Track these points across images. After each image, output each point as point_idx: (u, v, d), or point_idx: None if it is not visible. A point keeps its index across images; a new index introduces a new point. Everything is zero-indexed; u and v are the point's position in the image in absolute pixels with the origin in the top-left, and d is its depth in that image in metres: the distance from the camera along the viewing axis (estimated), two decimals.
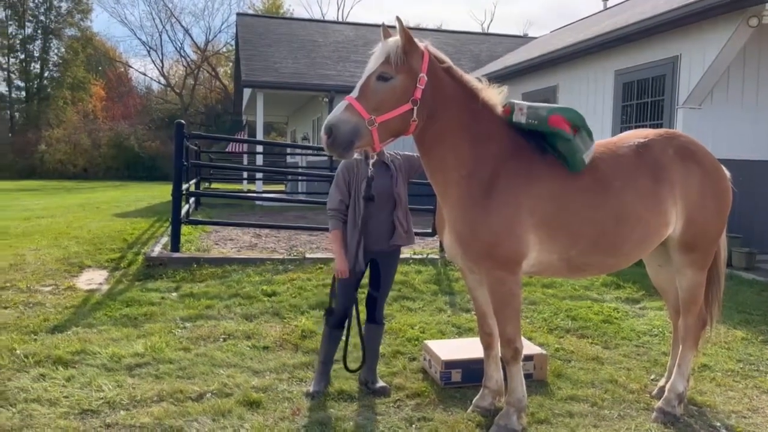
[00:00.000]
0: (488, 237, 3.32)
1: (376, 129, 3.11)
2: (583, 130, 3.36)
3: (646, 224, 3.53)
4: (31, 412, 3.71)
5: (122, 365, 4.48)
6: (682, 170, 3.64)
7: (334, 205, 4.06)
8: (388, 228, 4.09)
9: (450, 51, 21.74)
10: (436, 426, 3.65)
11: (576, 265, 3.55)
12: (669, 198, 3.59)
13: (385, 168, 4.12)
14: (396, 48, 3.16)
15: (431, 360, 4.44)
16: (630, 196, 3.50)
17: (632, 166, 3.58)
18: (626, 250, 3.57)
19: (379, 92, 3.14)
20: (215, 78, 52.06)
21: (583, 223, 3.43)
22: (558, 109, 3.40)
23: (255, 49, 19.59)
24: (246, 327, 5.44)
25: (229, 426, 3.60)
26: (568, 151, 3.38)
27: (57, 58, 49.47)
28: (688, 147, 3.75)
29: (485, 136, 3.39)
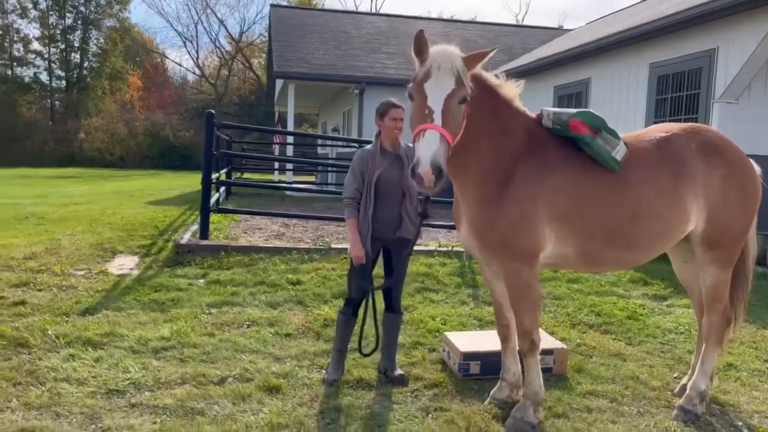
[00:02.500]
0: (505, 230, 3.34)
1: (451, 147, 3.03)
2: (604, 130, 3.38)
3: (664, 220, 3.49)
4: (60, 390, 3.84)
5: (149, 348, 4.61)
6: (704, 166, 3.58)
7: (350, 194, 4.14)
8: (396, 219, 4.15)
9: (482, 43, 21.60)
10: (452, 416, 3.67)
11: (592, 258, 3.54)
12: (689, 194, 3.53)
13: (398, 160, 4.17)
14: (462, 66, 3.07)
15: (450, 351, 4.46)
16: (648, 191, 3.47)
17: (652, 161, 3.55)
18: (643, 245, 3.54)
19: (457, 116, 3.05)
20: (249, 69, 52.54)
21: (599, 217, 3.42)
22: (578, 113, 3.44)
23: (287, 40, 19.72)
24: (270, 314, 5.53)
25: (249, 410, 3.68)
26: (593, 153, 3.43)
27: (96, 49, 50.48)
28: (711, 142, 3.68)
29: (504, 132, 3.40)
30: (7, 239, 8.43)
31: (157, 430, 3.41)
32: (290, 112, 18.56)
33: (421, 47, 3.11)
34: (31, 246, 7.87)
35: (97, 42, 50.43)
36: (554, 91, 13.85)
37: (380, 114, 4.17)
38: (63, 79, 49.41)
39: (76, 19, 49.33)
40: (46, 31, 47.89)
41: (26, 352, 4.46)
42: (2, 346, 4.51)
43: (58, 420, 3.49)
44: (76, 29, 49.30)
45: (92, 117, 42.91)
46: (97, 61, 50.03)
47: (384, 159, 4.14)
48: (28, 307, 5.41)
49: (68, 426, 3.42)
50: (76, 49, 49.54)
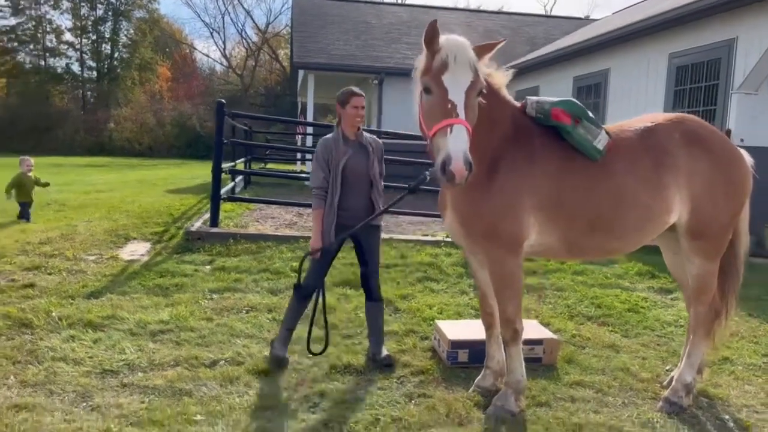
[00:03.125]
0: (490, 218, 3.36)
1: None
2: (585, 120, 3.39)
3: (646, 209, 3.48)
4: (56, 369, 3.98)
5: (147, 331, 4.73)
6: (687, 156, 3.54)
7: (319, 183, 4.17)
8: (365, 206, 4.21)
9: (505, 33, 21.37)
10: (434, 403, 3.70)
11: (575, 246, 3.55)
12: (672, 184, 3.50)
13: (362, 148, 4.23)
14: (476, 58, 3.09)
15: (440, 339, 4.49)
16: (630, 180, 3.46)
17: (635, 151, 3.54)
18: (625, 234, 3.53)
19: (476, 109, 3.10)
20: (275, 60, 52.85)
21: (581, 206, 3.43)
22: (559, 102, 3.44)
23: (308, 30, 19.79)
24: (269, 300, 5.62)
25: (235, 392, 3.77)
26: (574, 142, 3.43)
27: (126, 39, 51.30)
28: (696, 132, 3.63)
29: (491, 121, 3.38)
30: (27, 224, 8.68)
31: (143, 408, 3.51)
32: (310, 102, 18.66)
33: (433, 37, 3.10)
34: (47, 231, 8.10)
35: (127, 33, 51.26)
36: (573, 81, 13.68)
37: (342, 102, 4.22)
38: (94, 70, 50.35)
39: (107, 10, 50.16)
40: (77, 22, 48.84)
41: (29, 332, 4.62)
42: (7, 326, 4.68)
43: (51, 397, 3.62)
44: (107, 20, 50.14)
45: (122, 107, 43.69)
46: (127, 51, 50.85)
47: (348, 147, 4.18)
48: (37, 289, 5.59)
49: (60, 403, 3.55)
50: (107, 40, 50.41)
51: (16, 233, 8.01)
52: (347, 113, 4.21)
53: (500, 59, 12.75)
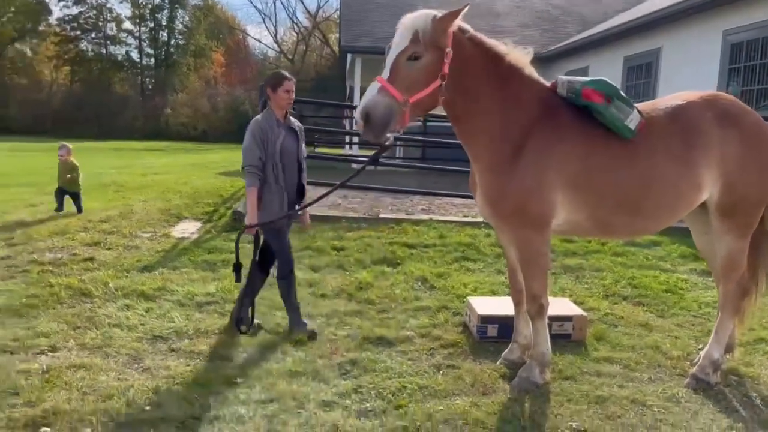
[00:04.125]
0: (516, 197, 3.41)
1: (408, 109, 3.17)
2: (616, 99, 3.37)
3: (674, 187, 3.49)
4: (112, 335, 4.32)
5: (194, 302, 5.04)
6: (719, 134, 3.51)
7: (253, 162, 4.25)
8: (296, 186, 4.45)
9: (556, 13, 20.86)
10: (461, 374, 3.84)
11: (604, 224, 3.59)
12: (702, 162, 3.49)
13: (292, 131, 4.40)
14: (425, 25, 3.14)
15: (471, 315, 4.61)
16: (660, 159, 3.47)
17: (666, 130, 3.52)
18: (654, 212, 3.55)
19: (410, 72, 3.14)
20: (325, 44, 53.24)
21: (609, 183, 3.46)
22: (590, 81, 3.44)
23: (356, 14, 19.90)
24: (310, 276, 5.86)
25: (272, 359, 4.01)
26: (606, 121, 3.44)
27: (182, 27, 52.69)
28: (728, 111, 3.60)
29: (515, 100, 3.44)
30: (89, 204, 9.20)
31: (189, 371, 3.79)
32: (357, 86, 18.80)
33: None
34: (107, 210, 8.59)
35: (182, 20, 52.62)
36: (624, 61, 13.36)
37: (273, 86, 4.34)
38: (152, 57, 51.96)
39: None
40: (136, 11, 50.43)
41: (88, 301, 4.99)
42: (69, 295, 5.06)
43: (107, 359, 3.94)
44: (164, 8, 51.55)
45: (178, 93, 45.06)
46: (183, 38, 52.22)
47: (281, 129, 4.34)
48: (96, 263, 6.00)
49: (114, 364, 3.87)
50: (164, 27, 51.89)
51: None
52: (279, 96, 4.33)
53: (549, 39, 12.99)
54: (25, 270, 5.71)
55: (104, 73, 49.45)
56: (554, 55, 16.48)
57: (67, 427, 3.08)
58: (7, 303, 4.80)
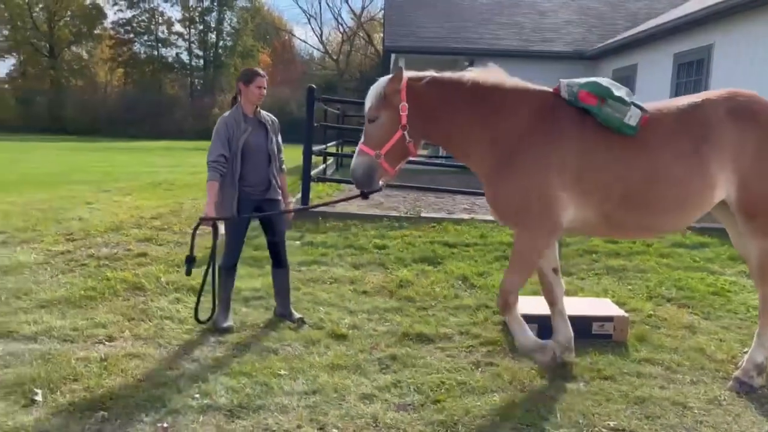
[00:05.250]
0: (517, 202, 3.55)
1: (383, 160, 3.60)
2: (610, 98, 3.43)
3: (683, 185, 3.46)
4: (164, 326, 4.54)
5: (240, 297, 5.22)
6: (734, 132, 3.45)
7: (214, 158, 4.39)
8: (265, 181, 4.60)
9: (603, 10, 20.50)
10: (499, 371, 3.89)
11: (614, 222, 3.60)
12: (714, 160, 3.45)
13: (261, 125, 4.52)
14: (376, 92, 3.62)
15: None
16: (666, 155, 3.46)
17: (675, 126, 3.51)
18: (663, 209, 3.53)
19: (372, 132, 3.64)
20: (369, 44, 53.54)
21: (614, 180, 3.48)
22: (585, 84, 3.53)
23: (400, 14, 20.00)
24: (352, 274, 5.99)
25: (315, 352, 4.14)
26: (603, 121, 3.48)
27: (230, 28, 53.92)
28: (744, 107, 3.52)
29: (497, 113, 3.60)
30: (141, 201, 9.60)
31: (235, 362, 3.95)
32: None
33: None
34: (158, 208, 8.93)
35: (230, 22, 53.83)
36: (674, 59, 13.05)
37: (245, 81, 4.47)
38: (201, 59, 53.33)
39: (213, 1, 52.82)
40: (186, 13, 51.87)
41: (142, 294, 5.24)
42: (124, 288, 5.32)
43: (159, 349, 4.14)
44: (213, 10, 52.88)
45: (225, 94, 46.06)
46: (231, 40, 53.40)
47: (248, 125, 4.47)
48: (149, 258, 6.27)
49: (166, 354, 4.07)
50: (213, 29, 53.22)
51: (132, 209, 8.89)
52: (251, 91, 4.48)
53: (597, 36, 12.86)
54: (84, 264, 6.02)
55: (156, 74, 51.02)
56: (601, 53, 16.21)
57: (124, 413, 3.27)
58: (68, 295, 5.08)
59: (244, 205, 4.54)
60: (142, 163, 19.37)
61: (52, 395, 3.43)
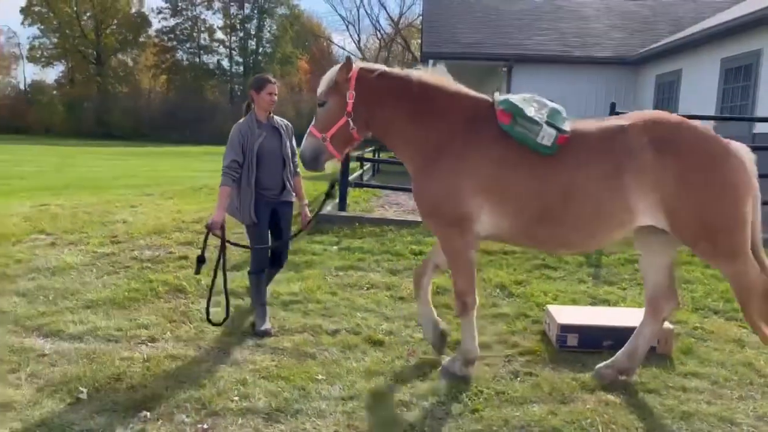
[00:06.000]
0: (431, 199, 3.76)
1: (329, 143, 3.79)
2: (519, 118, 3.53)
3: (596, 206, 3.46)
4: (204, 329, 4.61)
5: (279, 301, 5.27)
6: (654, 160, 3.40)
7: (227, 163, 4.53)
8: (280, 184, 4.74)
9: (645, 14, 20.13)
10: (539, 381, 3.83)
11: (528, 233, 3.68)
12: (632, 185, 3.41)
13: (275, 130, 4.65)
14: (327, 79, 3.81)
15: (550, 323, 4.57)
16: (582, 176, 3.48)
17: (598, 148, 3.51)
18: (576, 227, 3.55)
19: (321, 116, 3.83)
20: (407, 50, 53.63)
21: (528, 193, 3.55)
22: (503, 101, 3.64)
23: (438, 19, 19.97)
24: (388, 279, 5.98)
25: (352, 358, 4.15)
26: (518, 140, 3.56)
27: (269, 35, 54.76)
28: (667, 136, 3.45)
29: (431, 114, 3.75)
30: (182, 205, 9.79)
31: (274, 365, 3.99)
32: None
33: None
34: (199, 212, 9.08)
35: (270, 29, 54.67)
36: (721, 63, 12.68)
37: (257, 88, 4.60)
38: (241, 65, 54.29)
39: (253, 9, 53.83)
40: (227, 21, 52.89)
41: (183, 296, 5.34)
42: (165, 290, 5.43)
43: (199, 351, 4.21)
44: (253, 18, 53.79)
45: None
46: (270, 47, 54.22)
47: (262, 130, 4.58)
48: (189, 261, 6.37)
49: (206, 356, 4.13)
50: (253, 36, 54.12)
51: (173, 213, 9.07)
52: (262, 98, 4.60)
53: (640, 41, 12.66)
54: (127, 266, 6.16)
55: (197, 80, 52.13)
56: (644, 58, 15.89)
57: (165, 413, 3.33)
58: (112, 296, 5.21)
59: (261, 207, 4.67)
60: (183, 167, 19.79)
61: (97, 394, 3.53)
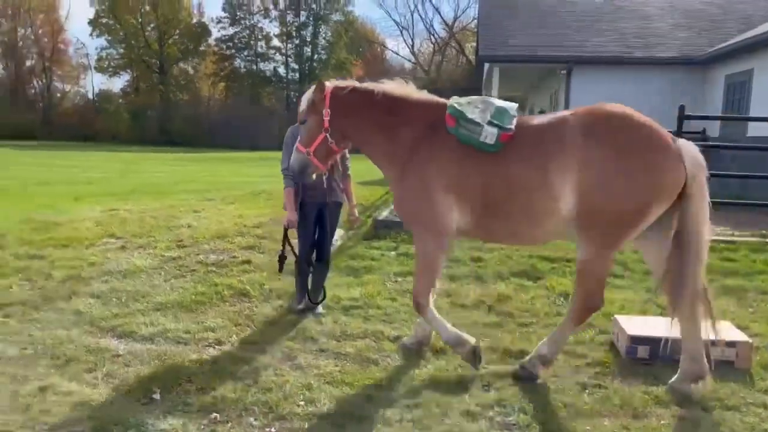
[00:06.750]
0: (408, 204, 4.00)
1: (313, 157, 4.13)
2: (462, 120, 3.77)
3: (530, 195, 3.66)
4: (268, 332, 4.69)
5: (340, 306, 5.31)
6: (582, 148, 3.55)
7: (285, 166, 4.90)
8: (328, 185, 5.04)
9: (711, 12, 19.40)
10: (609, 394, 3.71)
11: (486, 228, 3.93)
12: (557, 172, 3.59)
13: None
14: (305, 99, 4.15)
15: (619, 334, 4.43)
16: (519, 167, 3.70)
17: (535, 141, 3.71)
18: (520, 217, 3.75)
19: (303, 133, 4.17)
20: (461, 53, 53.38)
21: (478, 188, 3.79)
22: (449, 106, 3.88)
23: (494, 22, 19.76)
24: (448, 286, 5.93)
25: (414, 365, 4.13)
26: (462, 141, 3.81)
27: (324, 42, 55.50)
28: (598, 124, 3.60)
29: (398, 123, 3.99)
30: (243, 210, 10.00)
31: (337, 371, 4.01)
32: (494, 95, 18.66)
33: None
34: (259, 217, 9.27)
35: (325, 36, 55.39)
36: None
37: None
38: (296, 72, 55.20)
39: (309, 16, 54.68)
40: (284, 28, 53.91)
41: (247, 300, 5.45)
42: (230, 294, 5.55)
43: (264, 355, 4.27)
44: (308, 25, 54.64)
45: None
46: (325, 53, 54.95)
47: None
48: (252, 265, 6.51)
49: (271, 360, 4.19)
50: (308, 43, 54.96)
51: (235, 218, 9.28)
52: None
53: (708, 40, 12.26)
54: (193, 270, 6.33)
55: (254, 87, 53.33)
56: (712, 58, 15.28)
57: (234, 415, 3.40)
58: (180, 299, 5.37)
59: (307, 207, 5.06)
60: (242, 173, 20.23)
61: (168, 394, 3.63)
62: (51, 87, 56.44)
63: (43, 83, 56.34)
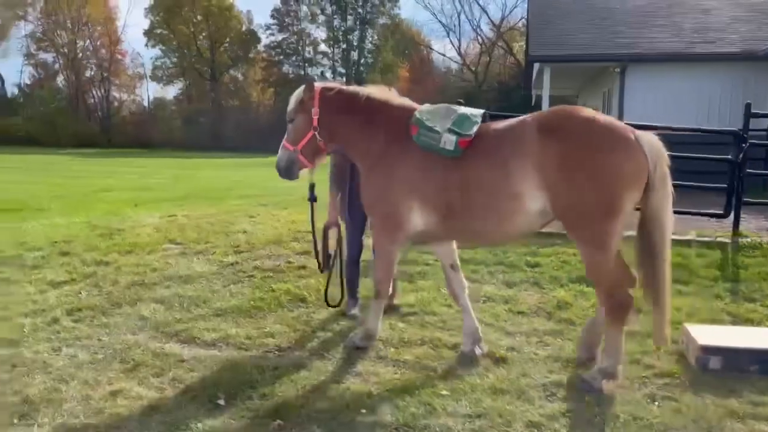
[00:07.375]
0: (368, 199, 4.33)
1: (300, 155, 4.40)
2: (422, 128, 3.99)
3: (490, 192, 3.80)
4: (327, 338, 4.74)
5: (396, 312, 5.29)
6: (539, 146, 3.67)
7: (330, 170, 5.16)
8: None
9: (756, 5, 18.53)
10: (680, 407, 3.58)
11: (452, 228, 4.10)
12: (519, 170, 3.71)
13: None
14: (294, 98, 4.41)
15: (688, 344, 4.27)
16: (480, 166, 3.85)
17: (494, 143, 3.85)
18: (479, 215, 3.89)
19: (291, 131, 4.44)
20: (508, 53, 52.74)
21: (441, 190, 3.97)
22: (412, 115, 4.11)
23: (544, 21, 19.43)
24: (505, 292, 5.85)
25: (475, 373, 4.08)
26: (423, 148, 4.01)
27: (371, 45, 55.79)
28: (554, 123, 3.73)
29: (373, 127, 4.25)
30: (296, 215, 10.11)
31: (397, 379, 4.00)
32: (545, 96, 18.30)
33: None
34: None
35: (371, 39, 55.68)
36: None
37: None
38: (344, 76, 55.59)
39: (355, 20, 55.07)
40: (331, 33, 54.45)
41: (304, 306, 5.50)
42: (288, 300, 5.62)
43: (323, 361, 4.30)
44: (355, 29, 55.04)
45: None
46: (372, 57, 55.22)
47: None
48: (308, 270, 6.56)
49: (330, 367, 4.21)
50: (355, 47, 55.36)
51: (289, 223, 9.40)
52: None
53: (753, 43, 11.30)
54: (251, 275, 6.44)
55: None
56: None
57: (297, 423, 3.42)
58: (239, 304, 5.46)
59: (354, 209, 5.15)
60: None
61: (233, 400, 3.68)
62: (109, 96, 58.55)
63: (101, 93, 58.50)
